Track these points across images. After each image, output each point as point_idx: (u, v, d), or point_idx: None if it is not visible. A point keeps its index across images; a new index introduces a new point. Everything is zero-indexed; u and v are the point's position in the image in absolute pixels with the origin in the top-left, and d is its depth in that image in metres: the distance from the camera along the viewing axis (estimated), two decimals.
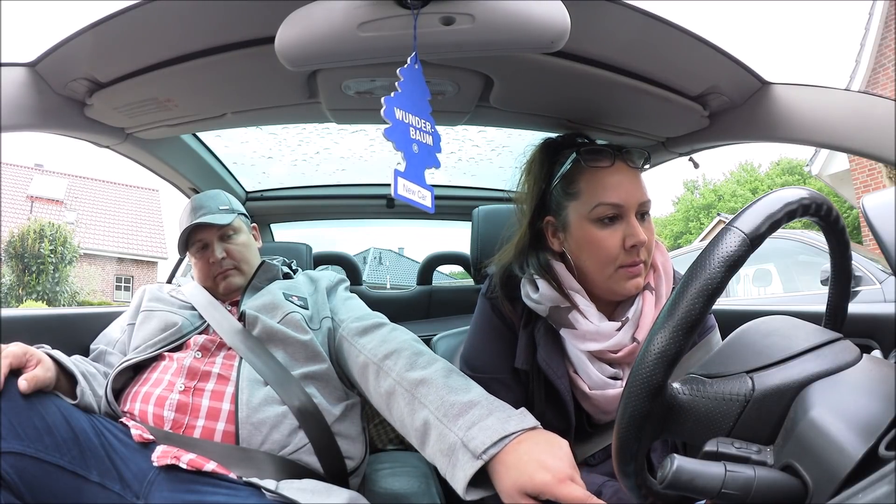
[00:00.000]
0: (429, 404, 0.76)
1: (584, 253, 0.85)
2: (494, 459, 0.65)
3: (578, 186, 0.85)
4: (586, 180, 0.85)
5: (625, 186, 0.83)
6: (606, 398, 0.81)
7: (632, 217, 0.82)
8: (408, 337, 0.94)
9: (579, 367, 0.83)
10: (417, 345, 0.91)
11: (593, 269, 0.84)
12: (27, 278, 12.29)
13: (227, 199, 1.21)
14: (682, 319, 0.46)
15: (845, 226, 0.56)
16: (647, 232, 0.83)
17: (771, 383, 0.49)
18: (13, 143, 34.59)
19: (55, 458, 0.75)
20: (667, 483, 0.45)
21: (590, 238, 0.83)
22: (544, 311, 0.85)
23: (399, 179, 0.66)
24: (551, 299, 0.84)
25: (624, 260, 0.82)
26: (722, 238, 0.47)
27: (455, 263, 2.44)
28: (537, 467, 0.62)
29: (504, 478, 0.64)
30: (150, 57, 0.84)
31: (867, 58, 7.32)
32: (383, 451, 1.43)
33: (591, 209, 0.83)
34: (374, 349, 0.92)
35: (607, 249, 0.82)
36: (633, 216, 0.82)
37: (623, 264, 0.82)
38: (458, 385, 0.77)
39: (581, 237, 0.84)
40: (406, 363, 0.85)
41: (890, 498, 0.31)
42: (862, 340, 0.94)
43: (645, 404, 0.48)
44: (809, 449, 0.43)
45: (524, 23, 0.66)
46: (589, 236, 0.83)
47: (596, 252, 0.83)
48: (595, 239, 0.83)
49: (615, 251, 0.82)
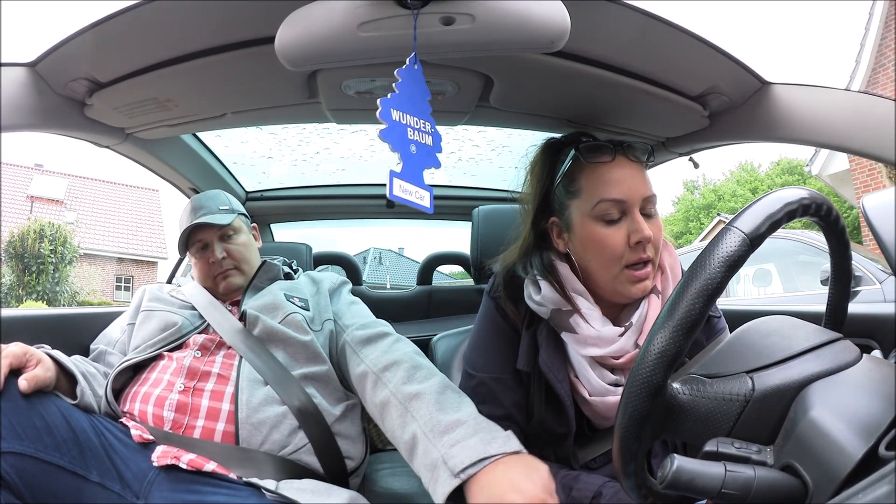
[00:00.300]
0: (419, 419, 0.78)
1: (588, 252, 0.83)
2: (471, 479, 0.67)
3: (580, 184, 0.84)
4: (587, 177, 0.83)
5: (627, 182, 0.81)
6: (606, 405, 0.80)
7: (636, 213, 0.80)
8: (409, 349, 0.95)
9: (580, 371, 0.81)
10: (418, 358, 0.92)
11: (598, 269, 0.82)
12: (27, 278, 12.29)
13: (227, 200, 1.21)
14: (682, 319, 0.46)
15: (845, 226, 0.56)
16: (653, 228, 0.80)
17: (771, 383, 0.49)
18: (13, 143, 34.62)
19: (55, 458, 0.75)
20: (667, 483, 0.45)
21: (593, 236, 0.81)
22: (546, 313, 0.83)
23: (395, 180, 0.65)
24: (553, 302, 0.83)
25: (630, 258, 0.80)
26: (722, 238, 0.47)
27: (455, 263, 2.43)
28: (510, 489, 0.63)
29: (476, 496, 0.65)
30: (150, 57, 0.84)
31: (867, 58, 7.32)
32: (383, 451, 1.43)
33: (593, 206, 0.81)
34: (376, 360, 0.93)
35: (612, 247, 0.80)
36: (638, 212, 0.80)
37: (629, 263, 0.80)
38: (450, 403, 0.79)
39: (584, 236, 0.82)
40: (404, 376, 0.86)
41: (890, 498, 0.31)
42: (862, 340, 0.94)
43: (645, 404, 0.48)
44: (809, 449, 0.43)
45: (524, 23, 0.66)
46: (592, 235, 0.81)
47: (600, 251, 0.81)
48: (599, 237, 0.80)
49: (620, 249, 0.79)
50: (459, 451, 0.69)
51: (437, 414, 0.76)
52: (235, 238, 1.17)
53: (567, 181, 0.86)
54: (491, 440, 0.69)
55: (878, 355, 0.62)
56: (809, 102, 0.86)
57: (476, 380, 0.89)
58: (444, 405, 0.78)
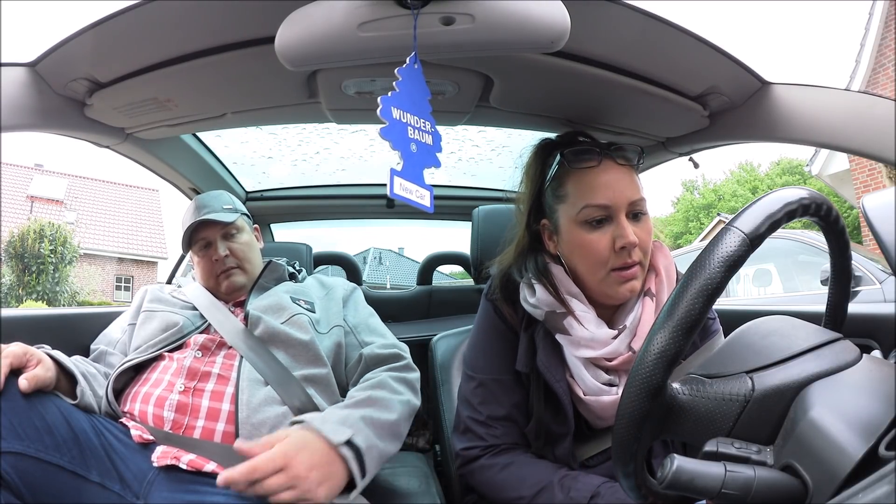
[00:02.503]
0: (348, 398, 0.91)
1: (575, 256, 0.84)
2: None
3: (566, 189, 0.84)
4: (573, 182, 0.84)
5: (612, 186, 0.80)
6: (601, 404, 0.81)
7: (622, 217, 0.80)
8: (400, 375, 1.00)
9: (575, 372, 0.82)
10: (398, 386, 0.97)
11: (585, 272, 0.83)
12: (27, 278, 12.29)
13: (230, 199, 1.22)
14: (682, 319, 0.46)
15: (845, 226, 0.56)
16: (641, 232, 0.81)
17: (771, 383, 0.48)
18: (13, 143, 34.58)
19: (55, 457, 0.75)
20: (667, 483, 0.45)
21: (579, 241, 0.82)
22: (541, 315, 0.84)
23: (396, 179, 0.65)
24: (548, 304, 0.84)
25: (615, 262, 0.80)
26: (722, 238, 0.47)
27: (455, 263, 2.44)
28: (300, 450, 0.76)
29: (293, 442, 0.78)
30: (150, 57, 0.84)
31: (867, 58, 7.32)
32: None
33: (578, 212, 0.81)
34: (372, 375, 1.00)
35: (597, 253, 0.80)
36: (623, 217, 0.80)
37: (615, 267, 0.80)
38: (380, 400, 0.90)
39: (571, 241, 0.83)
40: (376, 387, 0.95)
41: (890, 498, 0.31)
42: (862, 340, 0.94)
43: (644, 404, 0.48)
44: (809, 449, 0.43)
45: (524, 23, 0.65)
46: (578, 240, 0.82)
47: (586, 255, 0.82)
48: (584, 242, 0.81)
49: (605, 254, 0.80)
50: (328, 423, 0.81)
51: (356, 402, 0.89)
52: (238, 237, 1.17)
53: (555, 185, 0.87)
54: (334, 431, 0.79)
55: (877, 355, 0.62)
56: (809, 102, 0.86)
57: (476, 381, 0.91)
58: (376, 400, 0.90)
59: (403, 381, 0.98)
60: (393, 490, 1.00)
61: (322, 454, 0.77)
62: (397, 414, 0.90)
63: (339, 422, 0.82)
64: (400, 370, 1.02)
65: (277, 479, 0.71)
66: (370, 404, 0.89)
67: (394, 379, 0.97)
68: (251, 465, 0.71)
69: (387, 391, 0.93)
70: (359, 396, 0.90)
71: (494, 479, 0.85)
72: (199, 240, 1.15)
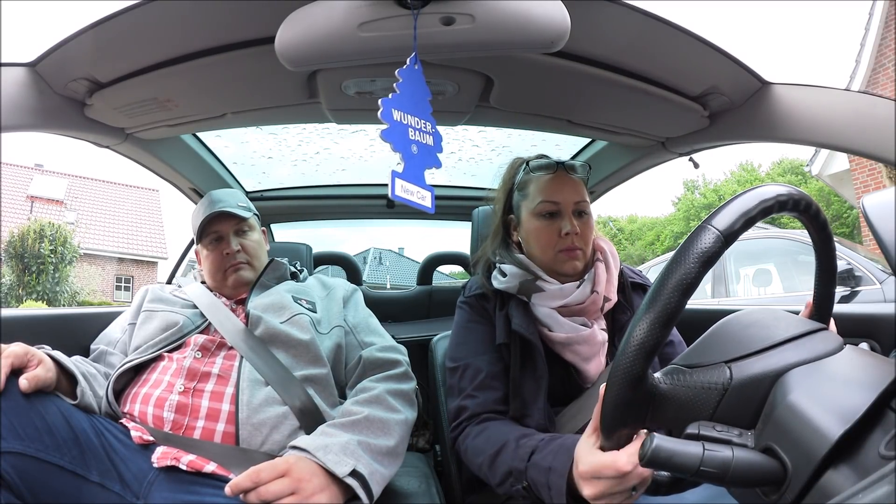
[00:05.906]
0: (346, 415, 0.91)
1: (531, 240, 1.04)
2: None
3: (528, 189, 1.05)
4: (534, 185, 1.04)
5: (563, 190, 1.01)
6: (583, 338, 0.96)
7: (568, 213, 1.00)
8: (396, 386, 1.01)
9: (553, 324, 0.98)
10: (393, 400, 0.97)
11: (539, 252, 1.03)
12: (27, 278, 12.29)
13: (244, 199, 1.24)
14: (661, 312, 0.48)
15: (827, 219, 0.57)
16: (583, 226, 1.01)
17: (748, 372, 0.50)
18: (13, 143, 34.59)
19: (55, 458, 0.75)
20: (646, 460, 0.46)
21: (534, 228, 1.03)
22: (514, 287, 1.01)
23: (397, 180, 0.66)
24: (518, 276, 1.01)
25: (561, 245, 1.00)
26: (698, 235, 0.49)
27: (455, 263, 2.44)
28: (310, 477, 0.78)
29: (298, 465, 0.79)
30: (150, 57, 0.84)
31: (867, 58, 7.32)
32: None
33: (535, 206, 1.02)
34: (368, 385, 1.00)
35: (547, 236, 1.01)
36: (570, 213, 1.00)
37: (561, 249, 1.00)
38: (378, 422, 0.90)
39: (529, 228, 1.04)
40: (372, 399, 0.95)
41: (890, 498, 0.31)
42: (862, 340, 0.94)
43: (627, 393, 0.50)
44: (788, 432, 0.44)
45: (524, 23, 0.66)
46: (534, 227, 1.03)
47: (539, 239, 1.02)
48: (538, 229, 1.02)
49: (554, 238, 1.01)
50: (331, 453, 0.81)
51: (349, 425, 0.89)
52: (250, 234, 1.19)
53: (520, 187, 1.08)
54: (337, 462, 0.79)
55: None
56: (809, 102, 0.86)
57: (459, 367, 1.01)
58: (373, 420, 0.90)
59: (400, 396, 0.99)
60: (393, 490, 1.00)
61: (324, 476, 0.78)
62: (397, 438, 0.91)
63: (340, 451, 0.81)
64: (397, 380, 1.02)
65: (280, 483, 0.74)
66: (368, 427, 0.89)
67: (390, 394, 0.97)
68: (255, 469, 0.75)
69: (384, 409, 0.93)
70: (357, 415, 0.90)
71: (472, 445, 0.91)
72: (212, 233, 1.16)
